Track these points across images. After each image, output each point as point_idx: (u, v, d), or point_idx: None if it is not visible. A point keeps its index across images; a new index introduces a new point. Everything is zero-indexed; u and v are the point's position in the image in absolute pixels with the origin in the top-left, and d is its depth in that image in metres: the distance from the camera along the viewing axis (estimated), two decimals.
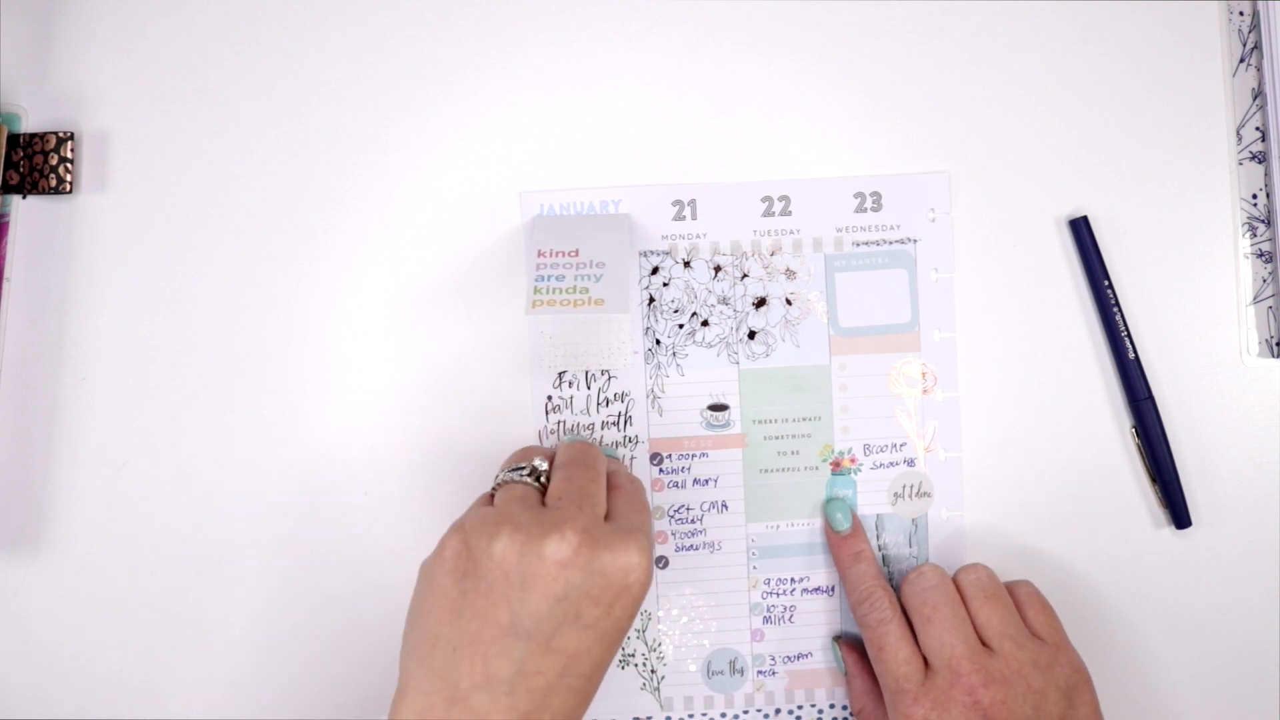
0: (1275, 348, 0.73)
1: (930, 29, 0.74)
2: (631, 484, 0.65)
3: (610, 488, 0.64)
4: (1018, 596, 0.68)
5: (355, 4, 0.73)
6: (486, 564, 0.57)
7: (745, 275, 0.73)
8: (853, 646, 0.72)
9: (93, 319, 0.71)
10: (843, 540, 0.71)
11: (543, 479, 0.63)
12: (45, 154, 0.70)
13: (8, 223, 0.71)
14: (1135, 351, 0.72)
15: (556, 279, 0.67)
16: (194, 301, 0.71)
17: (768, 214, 0.73)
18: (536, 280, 0.67)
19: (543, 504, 0.61)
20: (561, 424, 0.72)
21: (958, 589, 0.68)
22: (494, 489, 0.64)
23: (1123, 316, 0.72)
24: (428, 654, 0.57)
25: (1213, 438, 0.74)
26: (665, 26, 0.73)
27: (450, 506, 0.71)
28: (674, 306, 0.73)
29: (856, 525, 0.72)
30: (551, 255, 0.68)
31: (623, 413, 0.73)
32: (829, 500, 0.73)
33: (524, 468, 0.63)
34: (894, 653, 0.66)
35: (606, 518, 0.61)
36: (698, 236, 0.73)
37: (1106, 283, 0.73)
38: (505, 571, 0.57)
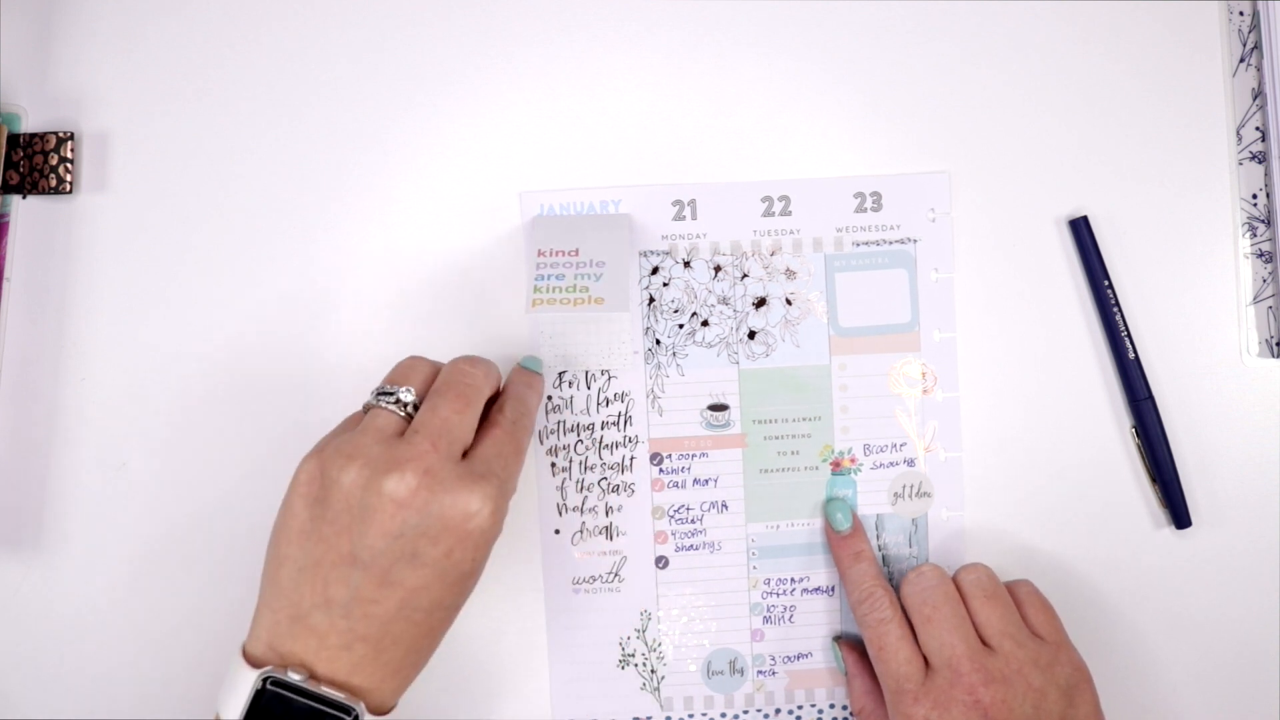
0: (1275, 348, 0.74)
1: (930, 29, 0.74)
2: (511, 425, 0.63)
3: (488, 425, 0.63)
4: (1018, 596, 0.68)
5: (355, 4, 0.73)
6: (334, 493, 0.58)
7: (745, 275, 0.73)
8: (853, 647, 0.72)
9: (93, 319, 0.71)
10: (843, 540, 0.71)
11: (409, 409, 0.62)
12: (45, 154, 0.70)
13: (8, 223, 0.71)
14: (1135, 351, 0.72)
15: (556, 278, 0.67)
16: (194, 301, 0.71)
17: (768, 214, 0.73)
18: (536, 279, 0.67)
19: (403, 433, 0.61)
20: (561, 424, 0.72)
21: (958, 588, 0.68)
22: (364, 408, 0.63)
23: (1123, 316, 0.72)
24: (276, 571, 0.59)
25: (1213, 438, 0.74)
26: (665, 26, 0.73)
27: None
28: (674, 306, 0.73)
29: (857, 525, 0.72)
30: (551, 254, 0.68)
31: (623, 413, 0.73)
32: (829, 500, 0.73)
33: (393, 393, 0.62)
34: (894, 652, 0.66)
35: (467, 454, 0.61)
36: (698, 236, 0.73)
37: (1106, 283, 0.73)
38: (349, 503, 0.58)
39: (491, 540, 0.60)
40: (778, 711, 0.73)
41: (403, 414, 0.62)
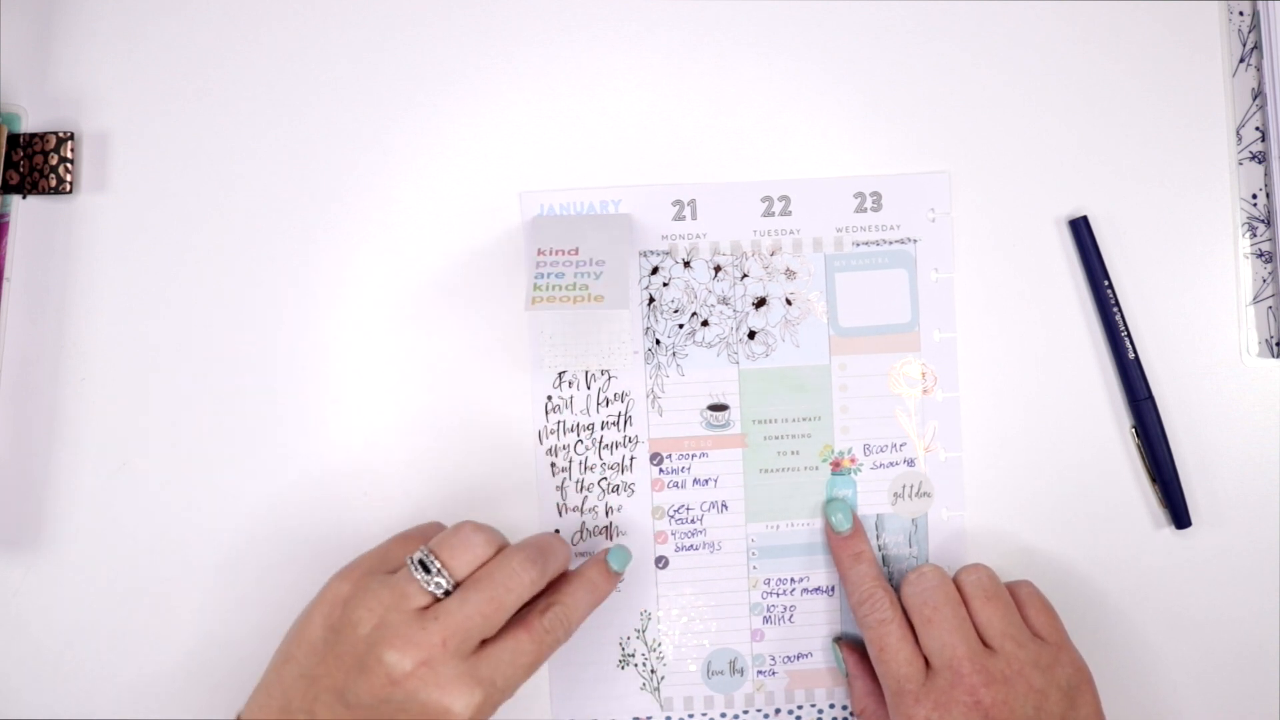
0: (1275, 348, 0.74)
1: (930, 29, 0.74)
2: (543, 634, 0.63)
3: (520, 623, 0.63)
4: (1018, 596, 0.68)
5: (355, 4, 0.73)
6: (347, 632, 0.60)
7: (745, 275, 0.73)
8: (853, 647, 0.72)
9: (93, 319, 0.71)
10: (843, 541, 0.71)
11: (441, 594, 0.61)
12: (45, 154, 0.70)
13: (8, 223, 0.71)
14: (1135, 351, 0.73)
15: (556, 276, 0.67)
16: (194, 301, 0.71)
17: (768, 214, 0.73)
18: (536, 277, 0.67)
19: (427, 607, 0.61)
20: (561, 424, 0.72)
21: (958, 589, 0.68)
22: (406, 561, 0.62)
23: (1123, 316, 0.73)
24: (282, 666, 0.61)
25: (1213, 438, 0.74)
26: (665, 26, 0.73)
27: (450, 506, 0.71)
28: (674, 306, 0.73)
29: (857, 525, 0.72)
30: (551, 253, 0.69)
31: (623, 412, 0.73)
32: (829, 500, 0.73)
33: (432, 572, 0.61)
34: (895, 653, 0.66)
35: (485, 644, 0.61)
36: (698, 236, 0.73)
37: (1106, 283, 0.73)
38: (354, 650, 0.60)
39: None
40: (777, 711, 0.73)
41: (432, 595, 0.61)
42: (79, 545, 0.71)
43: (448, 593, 0.61)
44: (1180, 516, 0.73)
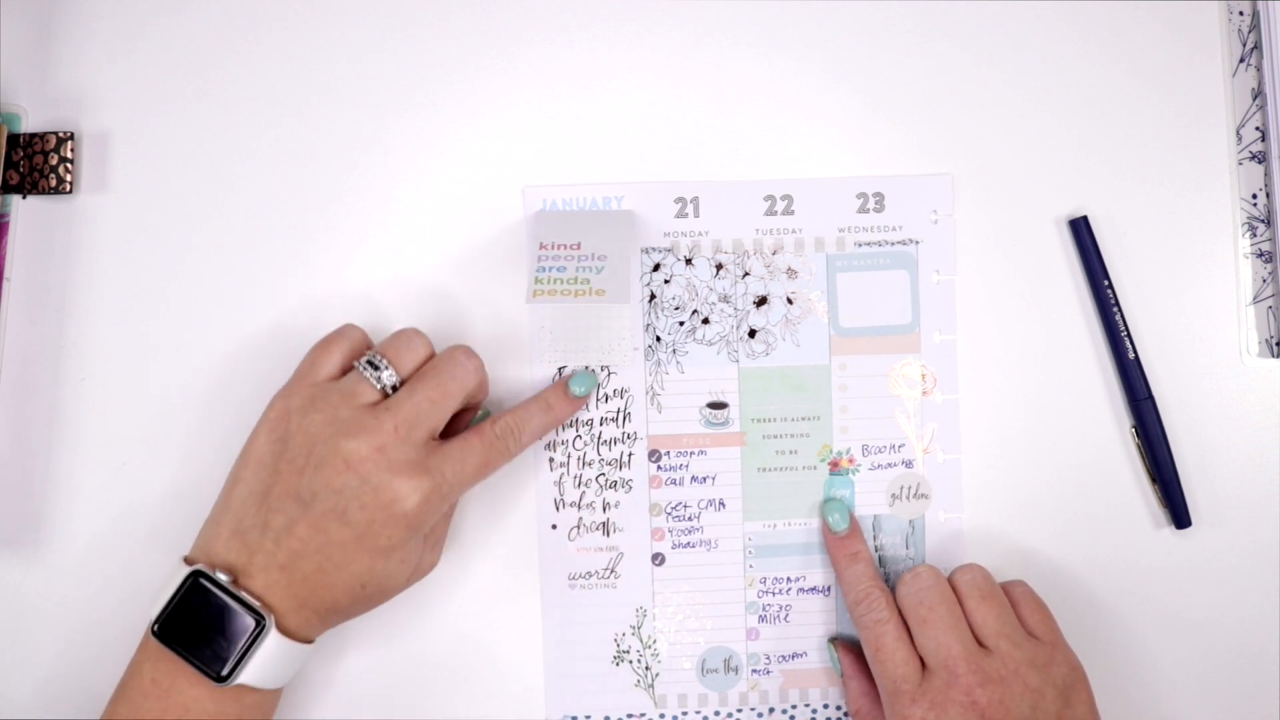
0: (1275, 348, 0.74)
1: (932, 29, 0.74)
2: (493, 439, 0.67)
3: (474, 429, 0.67)
4: (1013, 596, 0.68)
5: (355, 4, 0.73)
6: (298, 435, 0.63)
7: (746, 274, 0.73)
8: (848, 648, 0.72)
9: (93, 319, 0.71)
10: (840, 540, 0.71)
11: (387, 390, 0.65)
12: (45, 154, 0.71)
13: (8, 223, 0.71)
14: (1135, 351, 0.73)
15: (558, 270, 0.67)
16: (194, 301, 0.72)
17: (770, 213, 0.73)
18: (538, 271, 0.67)
19: (376, 404, 0.64)
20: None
21: (953, 589, 0.68)
22: (355, 364, 0.66)
23: (1123, 316, 0.73)
24: (230, 490, 0.64)
25: (1213, 438, 0.74)
26: (669, 23, 0.74)
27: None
28: (675, 304, 0.73)
29: (854, 526, 0.72)
30: (553, 248, 0.69)
31: (622, 409, 0.73)
32: (827, 500, 0.73)
33: (379, 368, 0.65)
34: (891, 653, 0.66)
35: (428, 445, 0.64)
36: (700, 234, 0.73)
37: (1106, 283, 0.73)
38: (308, 448, 0.63)
39: (410, 527, 0.63)
40: (771, 710, 0.73)
41: (381, 393, 0.65)
42: (79, 545, 0.71)
43: (395, 389, 0.65)
44: (1180, 516, 0.73)
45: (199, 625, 0.61)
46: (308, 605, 0.63)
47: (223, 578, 0.61)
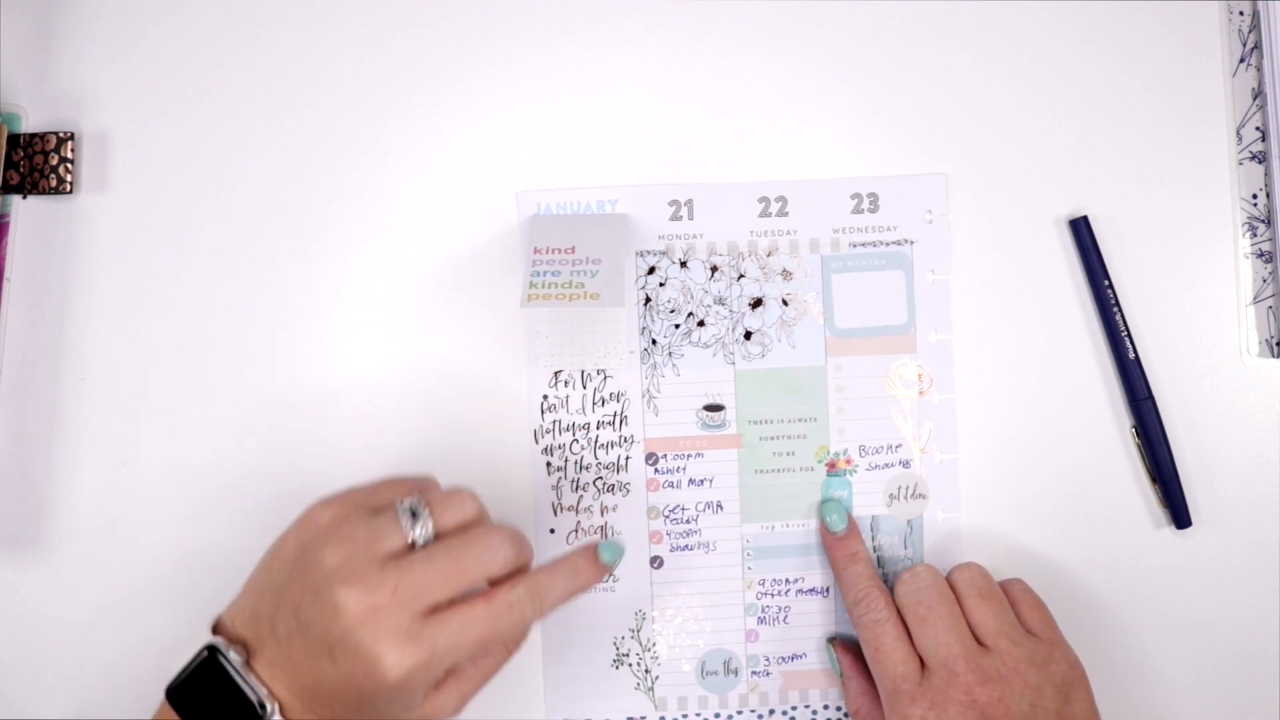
0: (1275, 348, 0.73)
1: (930, 29, 0.74)
2: (504, 609, 0.60)
3: (484, 594, 0.60)
4: (1011, 594, 0.68)
5: (355, 4, 0.73)
6: (313, 555, 0.59)
7: (742, 276, 0.73)
8: (847, 648, 0.72)
9: (93, 319, 0.72)
10: (838, 541, 0.72)
11: (420, 544, 0.60)
12: (45, 154, 0.71)
13: (8, 223, 0.72)
14: (1135, 351, 0.73)
15: (552, 274, 0.67)
16: (194, 301, 0.72)
17: (765, 214, 0.73)
18: (532, 275, 0.67)
19: (400, 553, 0.60)
20: (557, 423, 0.73)
21: (952, 588, 0.68)
22: (396, 504, 0.62)
23: (1123, 316, 0.73)
24: (259, 574, 0.62)
25: (1213, 438, 0.74)
26: (664, 26, 0.74)
27: None
28: (670, 306, 0.73)
29: (852, 526, 0.72)
30: (548, 252, 0.69)
31: (618, 412, 0.73)
32: (824, 501, 0.73)
33: (422, 520, 0.61)
34: (890, 653, 0.66)
35: (428, 615, 0.59)
36: (694, 237, 0.73)
37: (1106, 283, 0.73)
38: (315, 574, 0.59)
39: (392, 694, 0.58)
40: (771, 712, 0.73)
41: (409, 541, 0.60)
42: (79, 545, 0.71)
43: (425, 543, 0.60)
44: (1180, 516, 0.73)
45: (210, 697, 0.59)
46: (314, 705, 0.60)
47: (235, 658, 0.59)
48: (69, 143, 0.71)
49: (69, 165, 0.71)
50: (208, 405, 0.72)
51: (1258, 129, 0.74)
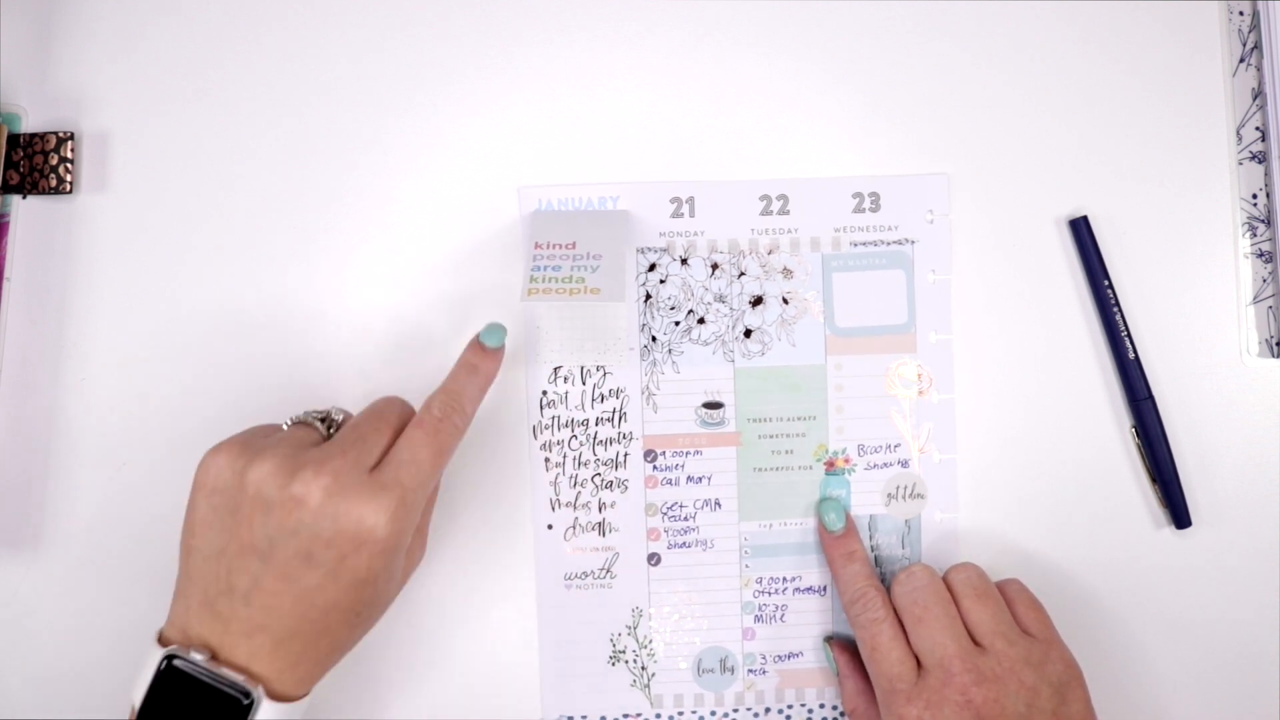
0: (1275, 348, 0.73)
1: (930, 29, 0.74)
2: (436, 425, 0.63)
3: (413, 422, 0.63)
4: (1008, 594, 0.68)
5: (355, 4, 0.73)
6: (242, 485, 0.59)
7: (742, 273, 0.73)
8: (844, 647, 0.72)
9: (93, 319, 0.72)
10: (836, 540, 0.72)
11: (333, 429, 0.64)
12: (45, 154, 0.71)
13: (8, 223, 0.72)
14: (1135, 351, 0.72)
15: (553, 269, 0.67)
16: (194, 301, 0.72)
17: (766, 213, 0.73)
18: (533, 270, 0.67)
19: (320, 440, 0.63)
20: (556, 419, 0.73)
21: (948, 588, 0.68)
22: (285, 423, 0.64)
23: (1123, 316, 0.72)
24: (186, 561, 0.61)
25: (1213, 438, 0.74)
26: (665, 25, 0.74)
27: (443, 499, 0.72)
28: (670, 303, 0.73)
29: (850, 525, 0.72)
30: (549, 247, 0.69)
31: (617, 409, 0.73)
32: (823, 500, 0.73)
33: (324, 413, 0.64)
34: (887, 652, 0.66)
35: (379, 465, 0.61)
36: (695, 234, 0.73)
37: (1106, 283, 0.73)
38: (255, 494, 0.59)
39: (389, 550, 0.60)
40: (768, 710, 0.73)
41: (324, 432, 0.63)
42: (79, 545, 0.72)
43: (338, 428, 0.64)
44: (1180, 516, 0.73)
45: (183, 711, 0.58)
46: (302, 661, 0.60)
47: (198, 657, 0.58)
48: (69, 143, 0.71)
49: (69, 165, 0.71)
50: (208, 405, 0.72)
51: (1258, 129, 0.74)
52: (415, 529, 0.63)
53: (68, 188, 0.71)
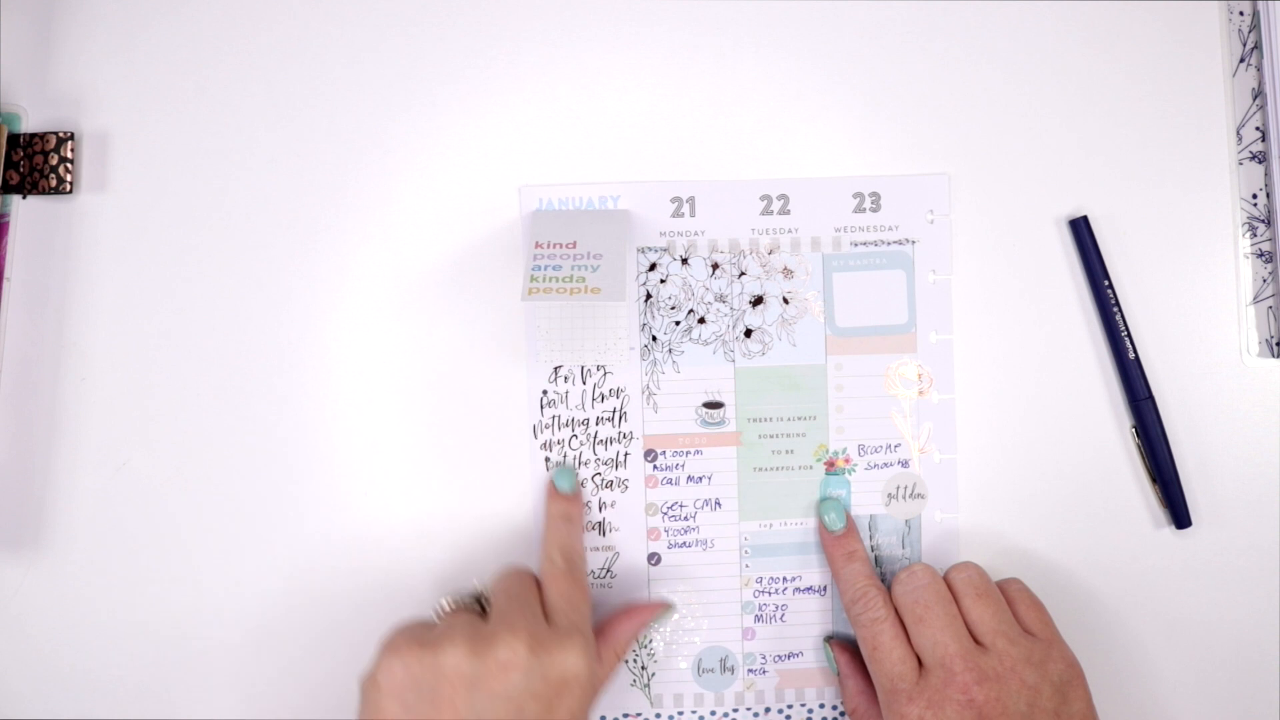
0: (1275, 348, 0.73)
1: (931, 29, 0.74)
2: (566, 570, 0.67)
3: (545, 579, 0.67)
4: (1008, 593, 0.68)
5: (355, 4, 0.73)
6: (433, 676, 0.61)
7: (743, 273, 0.73)
8: (844, 647, 0.72)
9: (93, 319, 0.72)
10: (836, 540, 0.72)
11: (483, 603, 0.67)
12: (45, 154, 0.71)
13: (8, 223, 0.72)
14: (1135, 351, 0.72)
15: (553, 268, 0.67)
16: (194, 301, 0.72)
17: (766, 212, 0.73)
18: (533, 269, 0.67)
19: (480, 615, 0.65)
20: (556, 418, 0.73)
21: (949, 587, 0.68)
22: (437, 614, 0.67)
23: (1123, 316, 0.72)
24: None
25: (1213, 438, 0.74)
26: (667, 24, 0.73)
27: (445, 500, 0.72)
28: (671, 303, 0.73)
29: (850, 525, 0.72)
30: (549, 246, 0.69)
31: (618, 408, 0.73)
32: (823, 499, 0.73)
33: (475, 594, 0.68)
34: (888, 652, 0.66)
35: (546, 617, 0.65)
36: (696, 234, 0.73)
37: (1106, 283, 0.72)
38: (455, 676, 0.61)
39: (594, 688, 0.64)
40: (767, 710, 0.73)
41: (480, 609, 0.66)
42: (79, 545, 0.71)
43: (487, 602, 0.67)
44: (1180, 516, 0.73)
45: None
46: None
47: None
48: (69, 143, 0.71)
49: (69, 165, 0.71)
50: (208, 405, 0.72)
51: (1258, 129, 0.73)
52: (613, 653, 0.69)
53: (68, 188, 0.71)
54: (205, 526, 0.72)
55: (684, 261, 0.73)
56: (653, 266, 0.73)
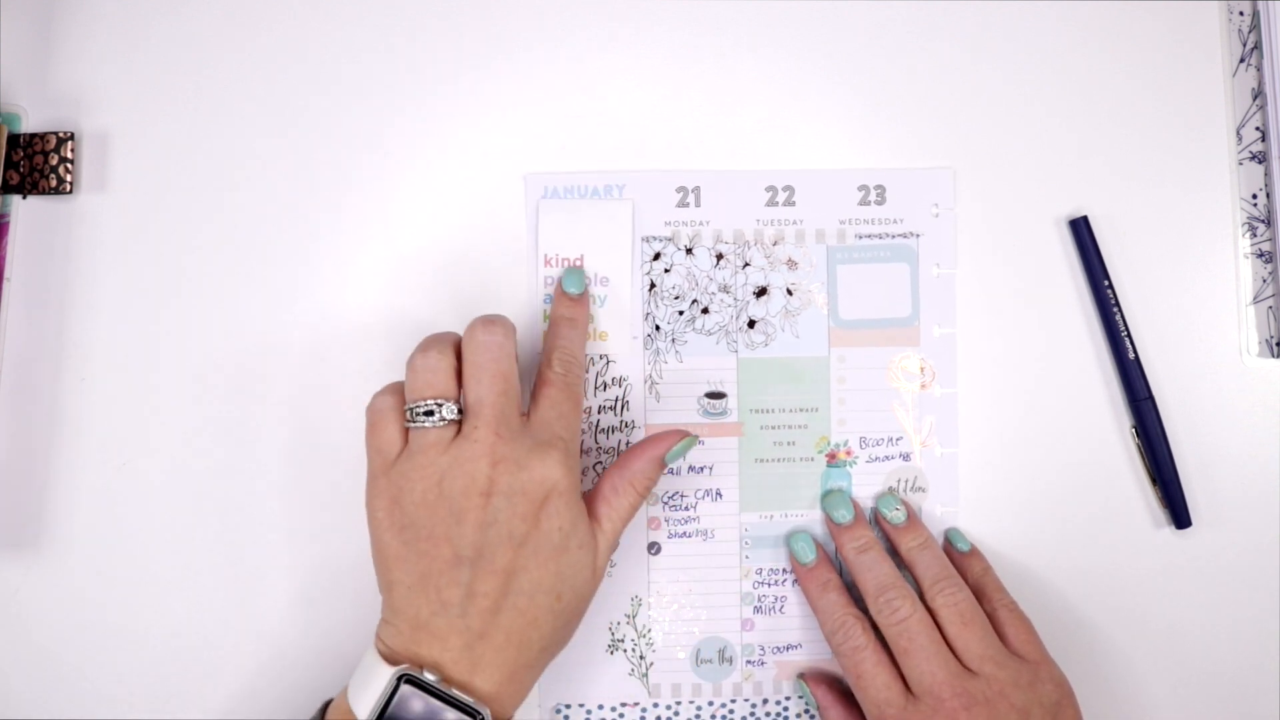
0: (1275, 348, 0.72)
1: (935, 28, 0.73)
2: (563, 378, 0.66)
3: (541, 382, 0.66)
4: (996, 616, 0.67)
5: (355, 3, 0.72)
6: (418, 510, 0.61)
7: (747, 264, 0.72)
8: (820, 679, 0.71)
9: (93, 319, 0.70)
10: (810, 571, 0.70)
11: (457, 416, 0.63)
12: (45, 154, 0.69)
13: (8, 223, 0.70)
14: (1135, 351, 0.71)
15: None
16: (194, 301, 0.71)
17: (771, 204, 0.72)
18: (546, 299, 0.71)
19: (458, 433, 0.62)
20: None
21: (931, 614, 0.66)
22: (406, 424, 0.63)
23: (1123, 316, 0.71)
24: (389, 595, 0.61)
25: (1213, 438, 0.72)
26: (673, 15, 0.72)
27: None
28: (675, 293, 0.72)
29: (859, 514, 0.71)
30: (558, 263, 0.70)
31: (620, 397, 0.72)
32: (829, 493, 0.72)
33: (432, 411, 0.62)
34: (872, 679, 0.65)
35: (528, 416, 0.64)
36: (701, 224, 0.72)
37: (1106, 283, 0.71)
38: (435, 511, 0.60)
39: (572, 501, 0.62)
40: (765, 701, 0.72)
41: (448, 423, 0.62)
42: (79, 545, 0.70)
43: (459, 411, 0.63)
44: (1180, 516, 0.71)
45: None
46: (519, 670, 0.61)
47: (430, 678, 0.59)
48: (69, 143, 0.70)
49: (69, 165, 0.70)
50: (208, 405, 0.71)
51: (1258, 129, 0.72)
52: (604, 538, 0.65)
53: (68, 188, 0.70)
54: (205, 526, 0.71)
55: (688, 251, 0.72)
56: (657, 256, 0.72)
